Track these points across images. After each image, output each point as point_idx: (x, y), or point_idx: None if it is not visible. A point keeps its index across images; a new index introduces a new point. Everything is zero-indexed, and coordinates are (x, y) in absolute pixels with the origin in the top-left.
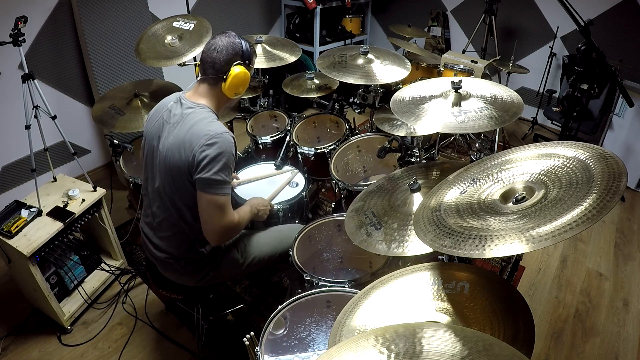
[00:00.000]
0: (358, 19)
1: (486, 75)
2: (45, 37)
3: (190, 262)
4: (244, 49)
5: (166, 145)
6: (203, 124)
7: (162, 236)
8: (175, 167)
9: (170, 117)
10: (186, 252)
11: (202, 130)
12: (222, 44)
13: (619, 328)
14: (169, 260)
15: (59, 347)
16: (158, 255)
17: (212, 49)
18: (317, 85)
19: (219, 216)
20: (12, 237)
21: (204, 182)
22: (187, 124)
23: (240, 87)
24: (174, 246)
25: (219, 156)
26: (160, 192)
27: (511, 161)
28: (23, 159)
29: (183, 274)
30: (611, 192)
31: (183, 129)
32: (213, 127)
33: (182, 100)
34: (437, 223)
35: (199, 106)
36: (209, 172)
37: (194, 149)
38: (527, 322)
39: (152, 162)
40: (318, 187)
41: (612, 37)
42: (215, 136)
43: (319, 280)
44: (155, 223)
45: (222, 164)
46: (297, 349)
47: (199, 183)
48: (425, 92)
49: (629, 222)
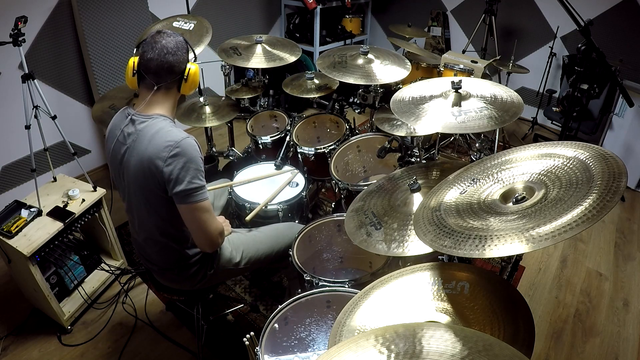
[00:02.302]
0: (358, 19)
1: (486, 75)
2: (45, 37)
3: (184, 269)
4: (188, 42)
5: (131, 167)
6: (160, 135)
7: (150, 252)
8: (146, 187)
9: (125, 138)
10: (176, 262)
11: (161, 143)
12: (170, 45)
13: (619, 328)
14: (163, 272)
15: (59, 347)
16: (151, 266)
17: (164, 53)
18: (317, 85)
19: (210, 220)
20: (12, 237)
21: (181, 195)
22: (144, 140)
23: (196, 82)
24: (163, 260)
25: (186, 164)
26: (137, 213)
27: (511, 161)
28: (23, 159)
29: (178, 281)
30: (611, 192)
31: (142, 147)
32: (171, 137)
33: (134, 117)
34: (437, 223)
35: (152, 117)
36: (183, 184)
37: (160, 165)
38: (527, 322)
39: (122, 185)
40: (318, 187)
41: (612, 37)
42: (175, 146)
43: (319, 280)
44: (141, 240)
45: (193, 170)
46: (297, 349)
47: (177, 197)
48: (425, 92)
49: (629, 222)
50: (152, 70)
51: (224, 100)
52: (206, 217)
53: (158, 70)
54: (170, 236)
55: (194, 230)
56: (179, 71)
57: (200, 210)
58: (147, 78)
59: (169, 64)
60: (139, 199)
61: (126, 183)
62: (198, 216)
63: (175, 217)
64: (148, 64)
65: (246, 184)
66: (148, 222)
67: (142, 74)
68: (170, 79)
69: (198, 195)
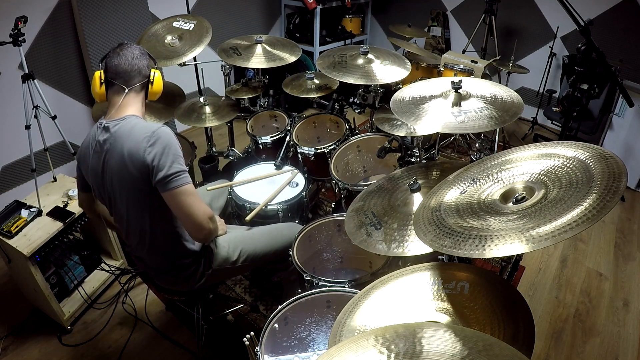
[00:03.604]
0: (358, 19)
1: (486, 75)
2: (45, 37)
3: (181, 270)
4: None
5: (112, 168)
6: (137, 128)
7: (145, 256)
8: (131, 184)
9: (101, 146)
10: (172, 262)
11: (139, 134)
12: (136, 52)
13: (619, 328)
14: (160, 275)
15: (59, 347)
16: (149, 270)
17: (130, 58)
18: (317, 85)
19: (197, 203)
20: (12, 237)
21: (164, 181)
22: (122, 137)
23: (160, 88)
24: (157, 263)
25: (165, 149)
26: (126, 218)
27: (511, 161)
28: (23, 159)
29: (178, 283)
30: (611, 192)
31: (119, 146)
32: (148, 127)
33: (106, 125)
34: (437, 223)
35: (124, 118)
36: (165, 169)
37: (140, 155)
38: (527, 322)
39: (105, 195)
40: (318, 187)
41: (612, 37)
42: (154, 134)
43: (319, 280)
44: (134, 245)
45: (172, 155)
46: (297, 349)
47: (160, 185)
48: (425, 92)
49: (629, 222)
50: (120, 75)
51: (224, 100)
52: (191, 200)
53: (127, 73)
54: (163, 233)
55: (182, 217)
56: (145, 74)
57: (184, 194)
58: (115, 84)
59: (137, 67)
60: (127, 201)
61: (111, 189)
62: (183, 200)
63: (164, 211)
64: (116, 69)
65: (246, 184)
66: (138, 224)
67: (109, 81)
68: (139, 82)
69: (180, 179)
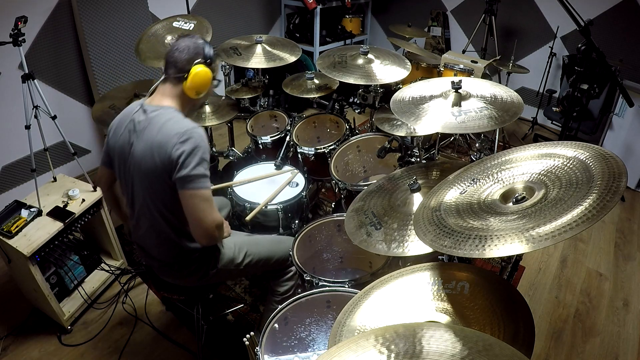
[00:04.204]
0: (358, 19)
1: (486, 75)
2: (45, 37)
3: (184, 265)
4: (206, 49)
5: (137, 152)
6: (172, 123)
7: (151, 245)
8: (152, 172)
9: (135, 125)
10: (177, 256)
11: (173, 129)
12: (184, 44)
13: (619, 328)
14: (164, 267)
15: (59, 347)
16: (152, 262)
17: (174, 49)
18: (317, 85)
19: (209, 210)
20: (12, 237)
21: (184, 180)
22: (156, 126)
23: (201, 86)
24: (163, 253)
25: (194, 150)
26: (140, 202)
27: (511, 161)
28: (23, 159)
29: (179, 277)
30: (611, 192)
31: (152, 132)
32: (183, 124)
33: (145, 107)
34: (437, 223)
35: (164, 108)
36: (188, 168)
37: (168, 150)
38: (527, 322)
39: (125, 174)
40: (318, 187)
41: (612, 37)
42: (187, 132)
43: (319, 280)
44: (142, 232)
45: (199, 157)
46: (297, 349)
47: (179, 182)
48: (425, 92)
49: (629, 222)
50: (165, 63)
51: (224, 100)
52: (205, 206)
53: (167, 61)
54: (171, 226)
55: (192, 219)
56: (181, 68)
57: (199, 198)
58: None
59: (175, 59)
60: (143, 187)
61: (131, 172)
62: (197, 204)
63: (177, 205)
64: (165, 58)
65: (246, 184)
66: (150, 212)
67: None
68: (174, 74)
69: (200, 182)
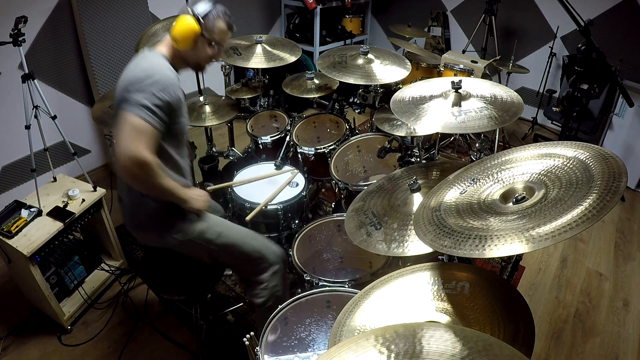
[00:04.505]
0: (358, 19)
1: (486, 75)
2: (45, 37)
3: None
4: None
5: (117, 90)
6: (147, 62)
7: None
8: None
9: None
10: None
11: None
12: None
13: (619, 328)
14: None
15: (59, 347)
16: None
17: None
18: (317, 85)
19: (131, 139)
20: (12, 237)
21: (122, 99)
22: (133, 64)
23: (181, 37)
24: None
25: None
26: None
27: (511, 161)
28: (23, 159)
29: (147, 229)
30: (611, 192)
31: (129, 69)
32: (155, 63)
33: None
34: (437, 223)
35: (152, 52)
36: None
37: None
38: (527, 322)
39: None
40: (318, 187)
41: (612, 37)
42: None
43: (319, 280)
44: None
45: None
46: (297, 349)
47: (118, 102)
48: (425, 92)
49: (629, 222)
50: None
51: (224, 100)
52: (130, 134)
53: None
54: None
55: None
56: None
57: (128, 123)
58: None
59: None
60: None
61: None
62: (122, 127)
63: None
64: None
65: (246, 184)
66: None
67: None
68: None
69: (136, 109)
